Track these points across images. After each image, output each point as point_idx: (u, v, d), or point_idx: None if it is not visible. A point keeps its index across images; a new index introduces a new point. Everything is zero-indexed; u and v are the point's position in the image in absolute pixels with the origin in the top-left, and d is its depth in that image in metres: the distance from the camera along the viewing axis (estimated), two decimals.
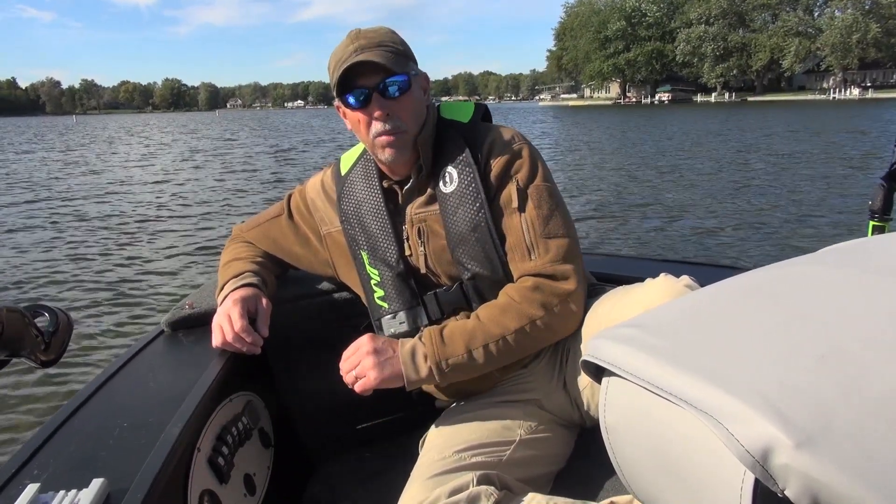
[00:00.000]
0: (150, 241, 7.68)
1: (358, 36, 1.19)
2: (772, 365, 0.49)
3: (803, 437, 0.42)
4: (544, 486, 1.19)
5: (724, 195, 9.81)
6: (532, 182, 1.22)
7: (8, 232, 8.50)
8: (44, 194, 12.32)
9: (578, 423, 1.28)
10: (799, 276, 0.64)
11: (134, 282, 5.86)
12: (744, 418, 0.44)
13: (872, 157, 13.64)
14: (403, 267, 1.26)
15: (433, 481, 1.08)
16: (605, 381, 0.58)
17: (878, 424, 0.42)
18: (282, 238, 1.44)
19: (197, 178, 14.51)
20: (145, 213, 9.76)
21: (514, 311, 1.15)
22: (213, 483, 1.11)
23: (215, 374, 1.18)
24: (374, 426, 1.61)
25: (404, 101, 1.20)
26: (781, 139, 19.56)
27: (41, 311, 0.78)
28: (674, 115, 42.62)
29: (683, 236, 7.23)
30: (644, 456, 0.56)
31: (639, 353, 0.54)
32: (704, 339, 0.55)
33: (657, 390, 0.51)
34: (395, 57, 1.18)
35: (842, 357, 0.48)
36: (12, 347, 0.70)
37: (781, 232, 7.26)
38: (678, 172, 12.73)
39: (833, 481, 0.40)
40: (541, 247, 1.19)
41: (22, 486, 0.84)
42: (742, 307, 0.60)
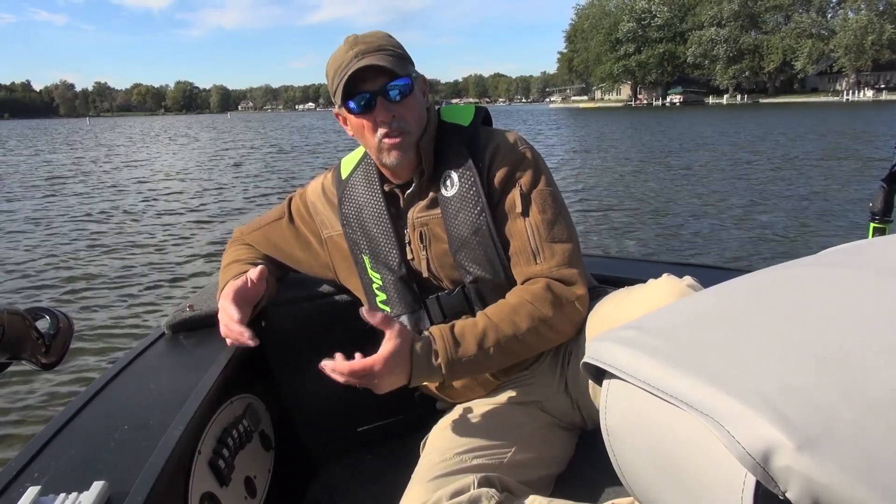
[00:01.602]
0: (151, 244, 7.66)
1: (357, 41, 1.19)
2: (773, 366, 0.49)
3: (804, 439, 0.42)
4: (545, 489, 1.19)
5: (728, 196, 9.78)
6: (536, 187, 1.23)
7: (9, 233, 8.49)
8: (45, 195, 12.27)
9: (579, 426, 1.28)
10: (800, 277, 0.64)
11: (135, 284, 5.86)
12: (745, 420, 0.44)
13: (884, 161, 13.54)
14: (405, 271, 1.26)
15: (434, 483, 1.07)
16: (606, 382, 0.58)
17: (879, 426, 0.42)
18: (282, 241, 1.44)
19: (199, 180, 14.45)
20: (147, 215, 9.74)
21: (526, 310, 1.15)
22: (213, 485, 1.11)
23: (216, 376, 1.18)
24: (375, 428, 1.60)
25: (408, 103, 1.20)
26: (791, 141, 19.47)
27: (42, 314, 0.78)
28: (685, 117, 42.29)
29: (685, 237, 7.23)
30: (645, 458, 0.56)
31: (640, 355, 0.54)
32: (705, 341, 0.54)
33: (658, 392, 0.51)
34: (396, 60, 1.18)
35: (843, 359, 0.48)
36: (13, 350, 0.70)
37: (784, 233, 7.25)
38: (684, 174, 12.69)
39: (834, 483, 0.40)
40: (546, 251, 1.19)
41: (23, 489, 0.84)
42: (743, 309, 0.60)
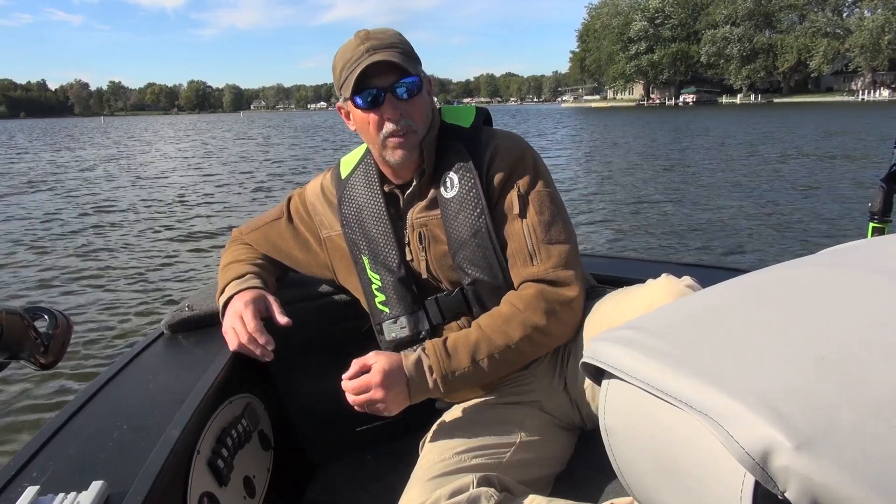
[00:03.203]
0: (150, 243, 7.65)
1: (368, 36, 1.18)
2: (772, 366, 0.49)
3: (803, 439, 0.42)
4: (544, 488, 1.19)
5: (730, 196, 9.77)
6: (534, 188, 1.22)
7: (8, 233, 8.47)
8: (46, 196, 12.27)
9: (579, 425, 1.27)
10: (799, 277, 0.64)
11: (133, 284, 5.86)
12: (744, 420, 0.44)
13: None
14: (405, 272, 1.26)
15: (433, 483, 1.07)
16: (605, 382, 0.58)
17: (878, 426, 0.42)
18: (281, 241, 1.44)
19: (199, 180, 14.42)
20: (145, 215, 9.74)
21: (518, 320, 1.15)
22: (212, 485, 1.11)
23: (215, 376, 1.18)
24: (374, 428, 1.60)
25: (416, 102, 1.20)
26: (802, 140, 19.41)
27: (41, 314, 0.78)
28: (698, 117, 42.02)
29: (688, 238, 7.22)
30: (644, 458, 0.56)
31: (639, 355, 0.54)
32: (705, 341, 0.54)
33: (657, 392, 0.51)
34: (407, 58, 1.18)
35: (842, 358, 0.48)
36: (12, 350, 0.70)
37: (786, 234, 7.25)
38: (690, 174, 12.66)
39: (834, 483, 0.40)
40: (542, 252, 1.18)
41: (21, 489, 0.84)
42: (742, 309, 0.60)
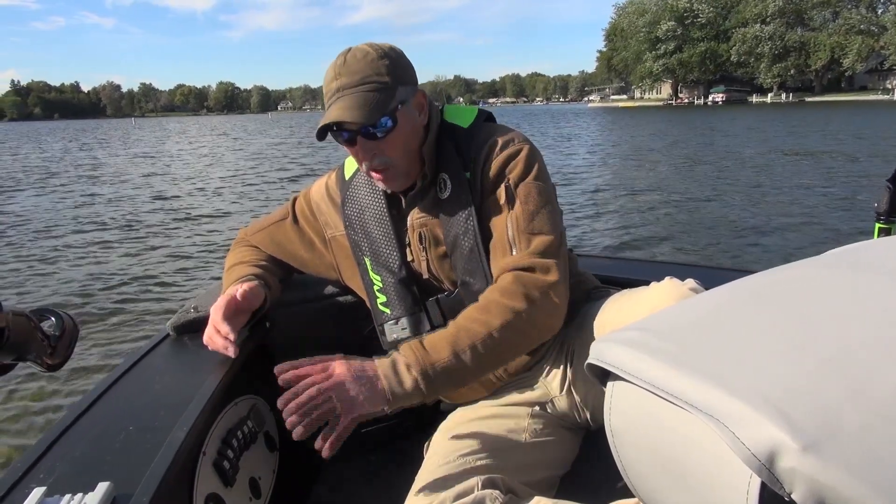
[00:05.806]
0: (156, 245, 7.68)
1: (339, 72, 1.13)
2: (777, 368, 0.49)
3: (809, 441, 0.41)
4: (549, 490, 1.18)
5: (735, 197, 9.71)
6: (523, 180, 1.18)
7: (14, 235, 8.52)
8: (50, 196, 12.34)
9: (584, 427, 1.27)
10: (804, 278, 0.64)
11: (140, 286, 5.88)
12: (750, 422, 0.44)
13: None
14: (405, 273, 1.26)
15: (438, 485, 1.07)
16: (610, 384, 0.58)
17: (885, 427, 0.42)
18: (287, 242, 1.44)
19: (205, 181, 14.48)
20: (151, 217, 9.78)
21: (496, 306, 1.09)
22: (218, 486, 1.11)
23: (220, 377, 1.18)
24: (379, 430, 1.59)
25: (390, 139, 1.16)
26: (815, 140, 19.14)
27: (47, 315, 0.78)
28: (728, 117, 41.32)
29: (690, 239, 7.20)
30: (649, 459, 0.55)
31: (644, 356, 0.54)
32: (710, 343, 0.54)
33: (662, 393, 0.51)
34: (375, 99, 1.11)
35: (848, 360, 0.48)
36: (18, 351, 0.71)
37: (787, 234, 7.21)
38: (707, 175, 12.52)
39: (840, 484, 0.40)
40: (522, 241, 1.13)
41: (28, 490, 0.84)
42: (747, 310, 0.60)
